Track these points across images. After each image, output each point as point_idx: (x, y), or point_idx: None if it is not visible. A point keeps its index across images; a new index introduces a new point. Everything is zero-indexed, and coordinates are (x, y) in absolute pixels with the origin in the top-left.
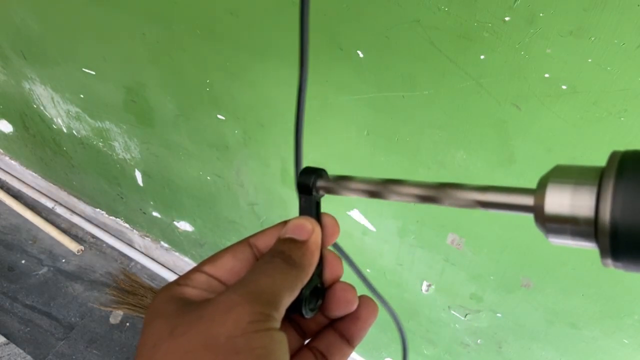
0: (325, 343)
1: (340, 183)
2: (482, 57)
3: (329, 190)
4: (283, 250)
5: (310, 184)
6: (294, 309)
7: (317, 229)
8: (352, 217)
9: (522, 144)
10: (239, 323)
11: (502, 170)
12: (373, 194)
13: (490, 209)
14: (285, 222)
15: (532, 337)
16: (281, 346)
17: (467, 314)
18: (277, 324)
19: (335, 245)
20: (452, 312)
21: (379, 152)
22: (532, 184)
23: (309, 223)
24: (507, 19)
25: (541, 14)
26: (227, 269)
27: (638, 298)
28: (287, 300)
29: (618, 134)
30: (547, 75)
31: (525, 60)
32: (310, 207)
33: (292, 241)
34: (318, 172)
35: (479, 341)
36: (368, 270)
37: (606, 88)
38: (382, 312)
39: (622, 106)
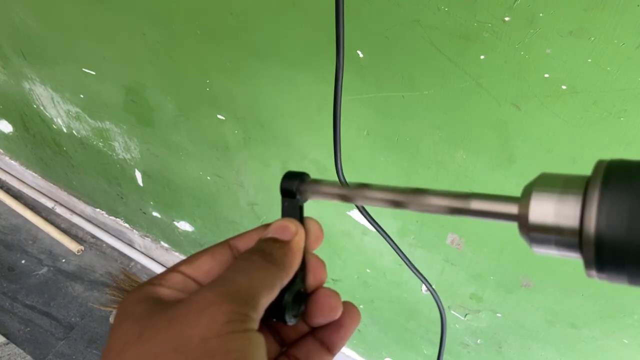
0: (304, 351)
1: (314, 187)
2: (482, 57)
3: (312, 194)
4: (264, 249)
5: (294, 188)
6: (276, 315)
7: (301, 230)
8: (352, 217)
9: (522, 144)
10: (214, 324)
11: (502, 170)
12: (345, 199)
13: (475, 217)
14: (267, 225)
15: (532, 337)
16: (259, 349)
17: (467, 314)
18: (255, 325)
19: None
20: (452, 312)
21: (379, 152)
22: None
23: (292, 224)
24: (507, 19)
25: (541, 14)
26: (205, 269)
27: (638, 298)
28: (266, 300)
29: (618, 134)
30: (547, 75)
31: (525, 60)
32: (293, 210)
33: (274, 240)
34: (301, 177)
35: (478, 341)
36: (368, 270)
37: (606, 88)
38: (382, 313)
39: (622, 106)
